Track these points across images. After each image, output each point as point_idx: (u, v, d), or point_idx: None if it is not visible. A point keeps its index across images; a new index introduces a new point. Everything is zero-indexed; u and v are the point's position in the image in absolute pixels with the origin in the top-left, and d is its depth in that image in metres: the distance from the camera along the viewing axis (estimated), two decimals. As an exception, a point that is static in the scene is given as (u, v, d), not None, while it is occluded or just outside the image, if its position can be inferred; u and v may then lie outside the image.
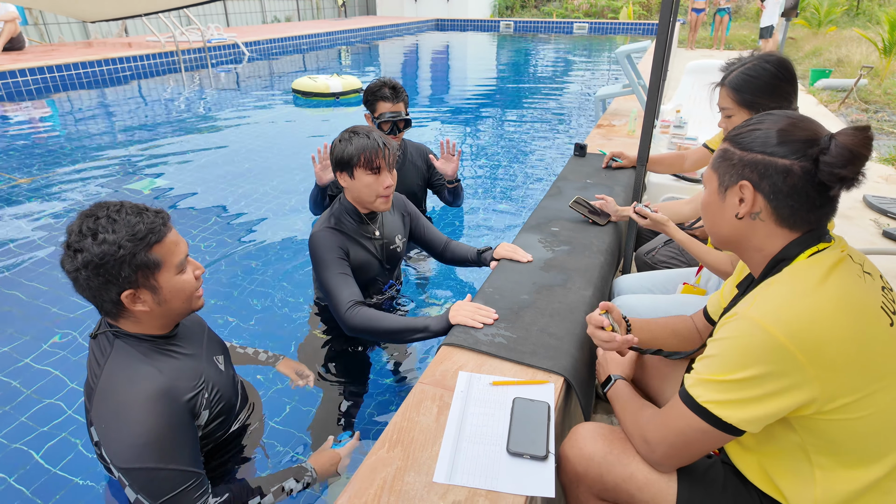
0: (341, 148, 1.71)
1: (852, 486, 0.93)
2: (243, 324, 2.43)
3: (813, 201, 0.93)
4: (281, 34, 11.77)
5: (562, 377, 1.33)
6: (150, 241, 1.11)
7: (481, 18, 18.47)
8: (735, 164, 0.99)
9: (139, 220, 1.11)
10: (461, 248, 2.05)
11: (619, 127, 3.94)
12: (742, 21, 16.90)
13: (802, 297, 0.90)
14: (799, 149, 0.92)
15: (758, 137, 0.97)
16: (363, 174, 1.71)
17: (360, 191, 1.75)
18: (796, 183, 0.92)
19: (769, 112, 1.01)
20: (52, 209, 3.54)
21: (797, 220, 0.96)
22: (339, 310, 1.64)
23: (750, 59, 1.64)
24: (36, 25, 9.88)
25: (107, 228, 1.08)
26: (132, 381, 1.10)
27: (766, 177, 0.95)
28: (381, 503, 1.01)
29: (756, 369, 0.88)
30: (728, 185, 1.01)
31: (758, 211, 0.98)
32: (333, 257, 1.72)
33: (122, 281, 1.09)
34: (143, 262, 1.10)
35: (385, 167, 1.72)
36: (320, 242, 1.74)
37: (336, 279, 1.68)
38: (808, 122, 0.96)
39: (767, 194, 0.96)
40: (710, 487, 1.06)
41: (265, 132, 5.58)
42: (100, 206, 1.12)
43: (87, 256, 1.06)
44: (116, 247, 1.07)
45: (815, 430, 0.93)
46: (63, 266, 1.10)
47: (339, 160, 1.72)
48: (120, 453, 1.05)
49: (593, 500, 1.16)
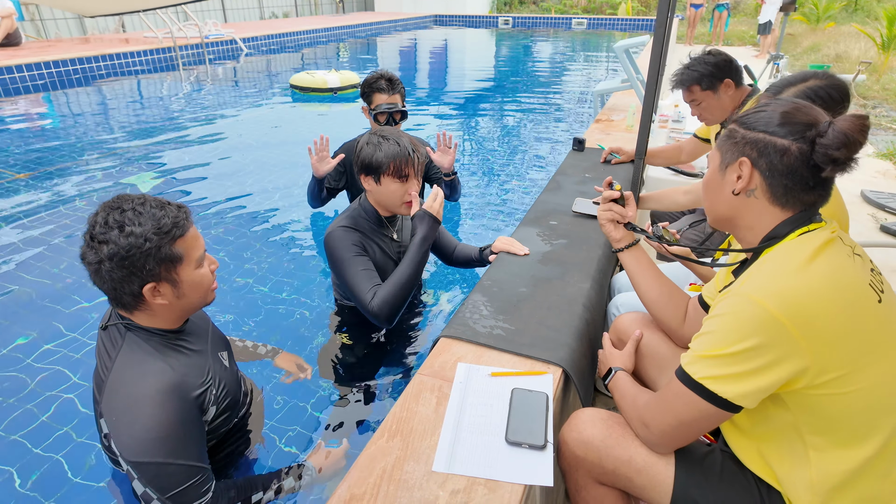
0: (369, 152, 1.69)
1: (846, 465, 0.94)
2: (241, 320, 2.43)
3: (806, 181, 0.98)
4: (279, 30, 11.73)
5: (560, 368, 1.34)
6: (174, 235, 1.11)
7: (480, 14, 18.42)
8: (738, 142, 1.04)
9: (164, 214, 1.11)
10: (465, 250, 2.06)
11: (618, 122, 3.94)
12: (741, 17, 16.89)
13: (793, 273, 0.93)
14: (798, 130, 0.96)
15: (762, 118, 1.01)
16: (391, 181, 1.70)
17: (385, 196, 1.74)
18: (792, 163, 0.97)
19: (778, 98, 1.06)
20: (48, 205, 3.54)
21: (790, 200, 1.00)
22: (363, 302, 1.63)
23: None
24: (32, 21, 9.84)
25: (133, 221, 1.08)
26: (144, 375, 1.11)
27: (764, 154, 1.00)
28: (381, 492, 1.02)
29: (749, 342, 0.91)
30: (729, 161, 1.06)
31: (753, 188, 1.03)
32: (351, 255, 1.70)
33: (146, 274, 1.09)
34: (167, 255, 1.11)
35: (413, 175, 1.72)
36: (337, 240, 1.72)
37: (358, 276, 1.67)
38: (811, 108, 1.00)
39: (764, 171, 1.00)
40: (708, 472, 1.08)
41: (263, 128, 5.57)
42: (123, 199, 1.12)
43: (112, 248, 1.06)
44: (143, 239, 1.07)
45: (808, 407, 0.95)
46: (84, 258, 1.09)
47: (367, 165, 1.70)
48: (130, 447, 1.06)
49: (592, 484, 1.18)
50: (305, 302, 2.55)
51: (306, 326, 2.38)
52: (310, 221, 3.40)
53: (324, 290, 2.67)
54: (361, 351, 1.99)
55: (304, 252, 3.07)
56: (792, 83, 1.51)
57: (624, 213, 1.47)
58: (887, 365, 0.93)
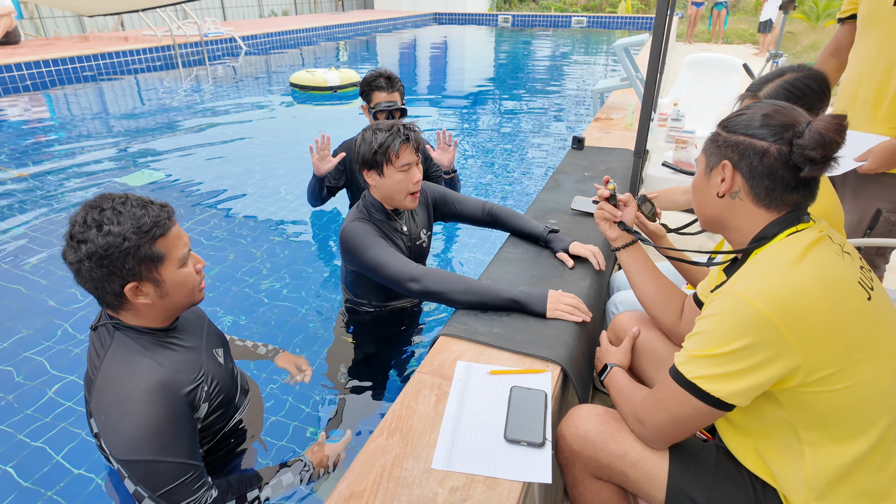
0: (367, 146, 1.67)
1: (841, 460, 0.95)
2: (239, 318, 2.44)
3: (788, 182, 0.99)
4: (278, 28, 11.72)
5: (559, 366, 1.35)
6: (154, 235, 1.11)
7: (479, 12, 18.40)
8: (720, 146, 1.06)
9: (144, 213, 1.11)
10: (517, 219, 1.96)
11: (617, 120, 3.95)
12: (740, 15, 16.88)
13: (782, 273, 0.94)
14: (777, 132, 0.98)
15: (742, 121, 1.03)
16: (394, 172, 1.68)
17: (390, 188, 1.71)
18: (772, 164, 0.99)
19: (759, 101, 1.07)
20: (46, 202, 3.54)
21: (773, 201, 1.02)
22: (400, 275, 1.58)
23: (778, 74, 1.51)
24: (31, 19, 9.83)
25: (112, 220, 1.08)
26: (132, 373, 1.11)
27: (745, 157, 1.01)
28: (381, 489, 1.03)
29: (741, 342, 0.92)
30: (713, 165, 1.08)
31: (737, 190, 1.05)
32: (373, 240, 1.67)
33: (126, 273, 1.09)
34: (146, 254, 1.10)
35: (415, 160, 1.71)
36: (357, 230, 1.70)
37: (386, 253, 1.63)
38: (791, 109, 1.01)
39: (745, 174, 1.02)
40: (702, 468, 1.09)
41: (263, 126, 5.57)
42: (104, 198, 1.12)
43: (90, 248, 1.06)
44: (121, 239, 1.07)
45: (801, 404, 0.96)
46: (65, 257, 1.10)
47: (368, 159, 1.68)
48: (119, 445, 1.06)
49: (589, 479, 1.19)
50: (306, 301, 2.55)
51: (307, 326, 2.39)
52: (310, 220, 3.40)
53: (325, 288, 2.68)
54: (366, 351, 2.00)
55: (305, 251, 3.07)
56: (769, 80, 1.50)
57: (614, 213, 1.48)
58: (878, 361, 0.94)
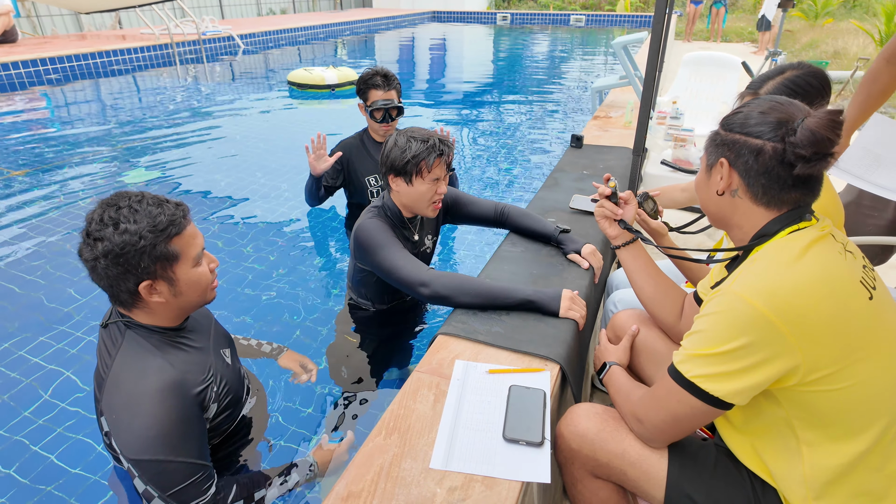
0: (399, 154, 1.65)
1: (839, 459, 0.95)
2: (237, 317, 2.43)
3: (784, 180, 0.98)
4: (276, 26, 11.69)
5: (557, 365, 1.34)
6: (170, 233, 1.11)
7: (478, 10, 18.38)
8: (718, 144, 1.06)
9: (160, 212, 1.11)
10: (528, 219, 1.94)
11: (616, 118, 3.94)
12: (739, 13, 16.87)
13: (782, 271, 0.93)
14: (771, 130, 0.97)
15: (738, 119, 1.03)
16: (421, 182, 1.67)
17: (415, 198, 1.71)
18: (767, 162, 0.98)
19: (758, 97, 1.06)
20: (44, 201, 3.53)
21: (771, 199, 1.01)
22: (411, 279, 1.57)
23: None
24: (29, 18, 9.79)
25: (129, 218, 1.08)
26: (144, 373, 1.11)
27: (740, 155, 1.01)
28: (379, 489, 1.02)
29: (740, 341, 0.91)
30: (712, 163, 1.07)
31: (735, 188, 1.04)
32: (388, 240, 1.66)
33: (141, 271, 1.09)
34: (162, 253, 1.10)
35: (444, 174, 1.70)
36: (372, 227, 1.68)
37: (399, 254, 1.62)
38: (788, 105, 0.99)
39: (742, 172, 1.02)
40: (701, 467, 1.09)
41: (261, 124, 5.56)
42: (121, 196, 1.12)
43: (107, 246, 1.06)
44: (137, 237, 1.07)
45: (800, 403, 0.95)
46: (81, 255, 1.10)
47: (398, 167, 1.66)
48: (130, 444, 1.06)
49: (587, 478, 1.19)
50: (306, 300, 2.55)
51: (307, 325, 2.38)
52: (308, 220, 3.39)
53: (325, 286, 2.67)
54: (369, 350, 1.99)
55: (303, 249, 3.06)
56: (770, 77, 1.49)
57: (615, 211, 1.46)
58: (878, 361, 0.93)
